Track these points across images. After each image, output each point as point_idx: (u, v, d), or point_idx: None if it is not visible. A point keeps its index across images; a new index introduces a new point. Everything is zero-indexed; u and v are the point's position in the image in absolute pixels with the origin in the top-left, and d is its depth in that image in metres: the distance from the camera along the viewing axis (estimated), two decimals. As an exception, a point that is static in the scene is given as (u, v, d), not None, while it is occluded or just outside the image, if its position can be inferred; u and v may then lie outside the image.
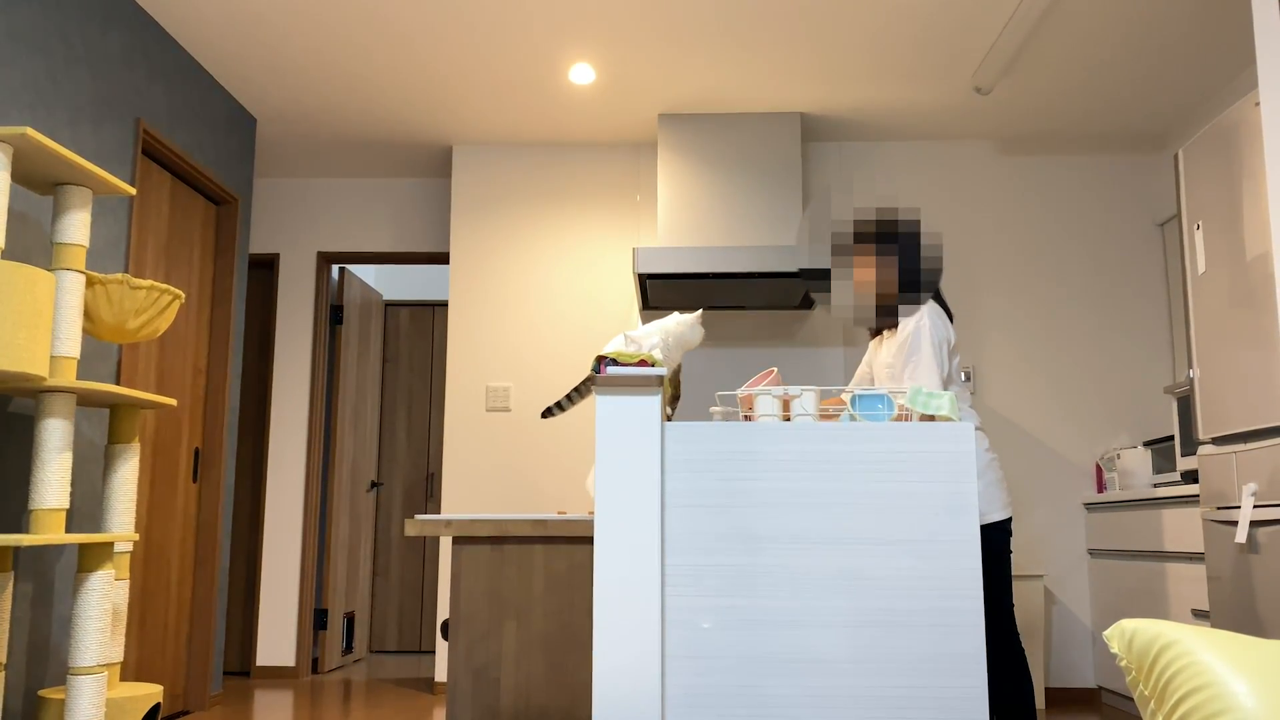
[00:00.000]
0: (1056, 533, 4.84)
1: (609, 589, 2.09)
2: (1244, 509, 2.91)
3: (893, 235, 2.74)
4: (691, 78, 4.45)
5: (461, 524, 2.53)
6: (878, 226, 2.75)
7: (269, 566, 5.40)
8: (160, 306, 3.19)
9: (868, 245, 2.76)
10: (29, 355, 2.62)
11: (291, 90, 4.59)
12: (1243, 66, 4.34)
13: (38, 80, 3.29)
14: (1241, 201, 3.00)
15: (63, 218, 2.93)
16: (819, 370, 4.98)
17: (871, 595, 2.10)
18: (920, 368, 2.68)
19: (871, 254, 2.76)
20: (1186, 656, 1.27)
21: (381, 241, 5.66)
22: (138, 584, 3.96)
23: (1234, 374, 3.05)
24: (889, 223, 2.75)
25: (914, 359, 2.70)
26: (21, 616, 3.19)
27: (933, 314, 2.74)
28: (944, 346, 2.72)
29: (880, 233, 2.75)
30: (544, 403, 5.04)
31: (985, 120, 4.90)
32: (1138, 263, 5.04)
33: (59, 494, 2.81)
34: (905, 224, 2.74)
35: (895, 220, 2.75)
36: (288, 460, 5.48)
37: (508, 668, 2.52)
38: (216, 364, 4.54)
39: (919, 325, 2.72)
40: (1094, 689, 4.71)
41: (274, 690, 4.97)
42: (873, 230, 2.75)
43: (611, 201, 5.18)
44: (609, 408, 2.15)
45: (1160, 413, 4.92)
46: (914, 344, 2.71)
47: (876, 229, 2.75)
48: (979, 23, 3.97)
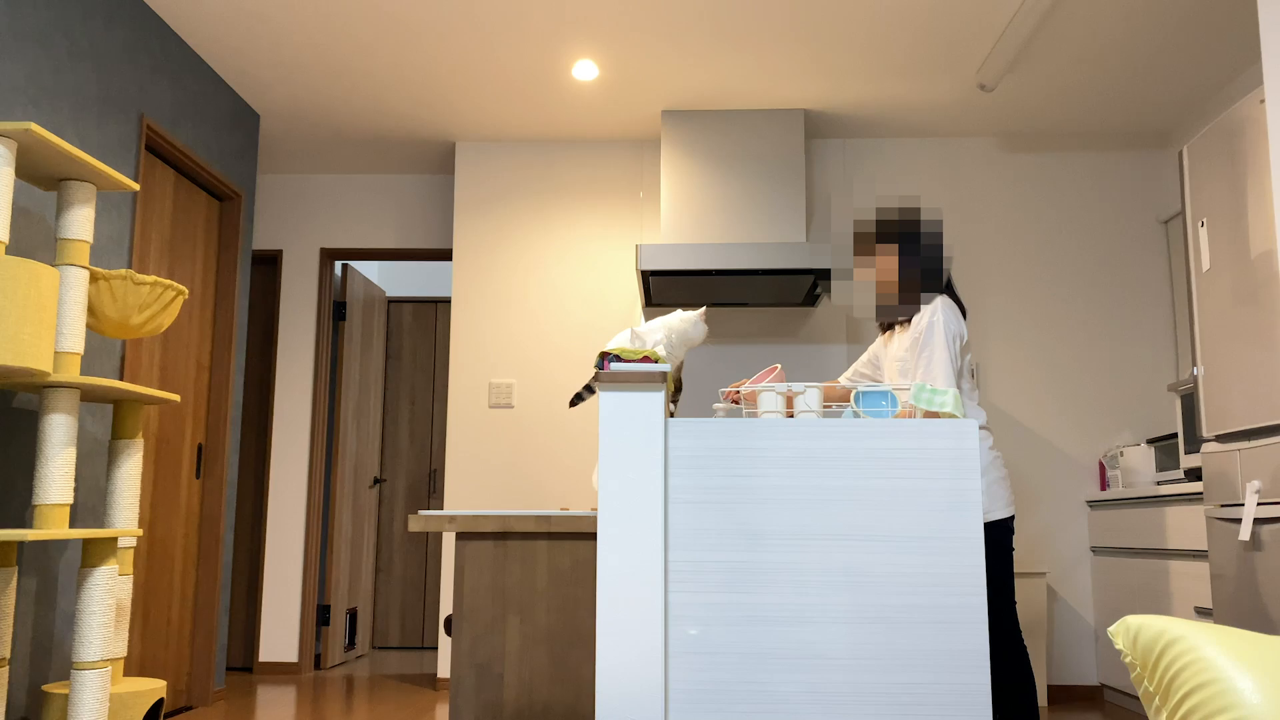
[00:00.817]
0: (1059, 530, 4.83)
1: (612, 585, 2.09)
2: (1248, 506, 2.90)
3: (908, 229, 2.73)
4: (695, 74, 4.44)
5: (465, 519, 2.53)
6: (888, 221, 2.75)
7: (272, 562, 5.41)
8: (164, 302, 3.19)
9: (884, 239, 2.75)
10: (33, 351, 2.63)
11: (295, 86, 4.59)
12: (1248, 63, 4.33)
13: (41, 75, 3.29)
14: (1246, 199, 2.99)
15: (66, 213, 2.93)
16: (822, 367, 4.98)
17: (874, 592, 2.10)
18: (934, 363, 2.67)
19: (884, 250, 2.75)
20: (1191, 653, 1.27)
21: (385, 238, 5.66)
22: (141, 579, 3.96)
23: (1238, 371, 3.05)
24: (906, 216, 2.74)
25: (926, 354, 2.69)
26: (25, 611, 3.19)
27: (947, 309, 2.73)
28: (957, 342, 2.71)
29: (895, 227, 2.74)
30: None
31: (989, 117, 4.89)
32: (1141, 260, 5.03)
33: (63, 489, 2.81)
34: (922, 218, 2.74)
35: (912, 212, 2.74)
36: (291, 456, 5.48)
37: (511, 663, 2.53)
38: (220, 360, 4.54)
39: (933, 320, 2.71)
40: (1097, 686, 4.71)
41: (277, 686, 4.98)
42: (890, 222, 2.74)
43: (614, 198, 5.18)
44: (612, 404, 2.15)
45: (1164, 410, 4.91)
46: (927, 339, 2.70)
47: (887, 225, 2.75)
48: (983, 19, 3.96)
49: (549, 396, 5.04)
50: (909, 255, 2.74)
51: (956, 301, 2.83)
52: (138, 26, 3.85)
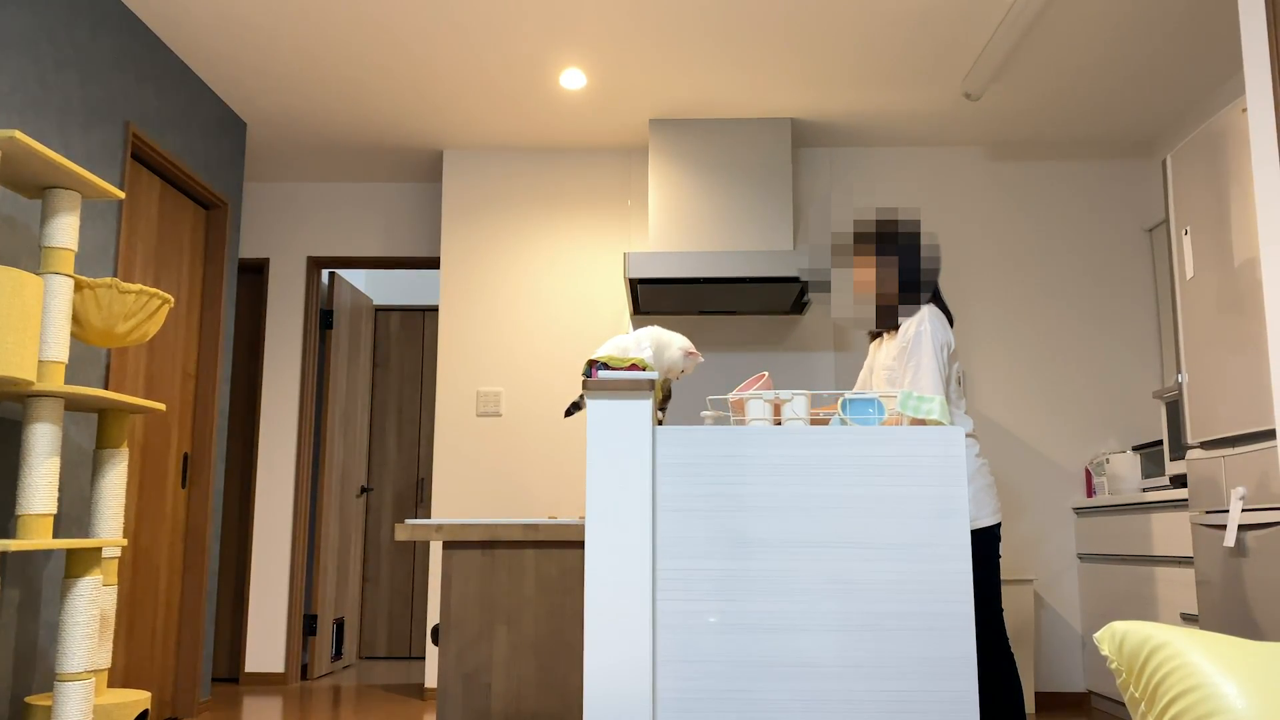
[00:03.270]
0: (1046, 537, 4.85)
1: (600, 593, 2.08)
2: (1232, 513, 2.92)
3: (892, 237, 2.75)
4: (682, 83, 4.46)
5: (452, 528, 2.52)
6: (877, 228, 2.76)
7: (258, 572, 5.38)
8: (149, 311, 3.18)
9: (867, 247, 2.76)
10: (17, 359, 2.61)
11: (282, 94, 4.59)
12: (1230, 73, 4.37)
13: (26, 83, 3.27)
14: (1229, 207, 3.02)
15: (51, 221, 2.92)
16: (810, 375, 4.99)
17: (862, 599, 2.10)
18: (921, 371, 2.68)
19: (871, 255, 2.76)
20: (1177, 658, 1.28)
21: (372, 246, 5.65)
22: (126, 589, 3.94)
23: (1222, 378, 3.07)
24: (888, 224, 2.75)
25: (914, 362, 2.70)
26: (8, 622, 3.17)
27: (934, 317, 2.74)
28: (944, 351, 2.72)
29: (879, 234, 2.75)
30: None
31: (975, 126, 4.92)
32: (1126, 268, 5.06)
33: (47, 499, 2.79)
34: (904, 225, 2.75)
35: (895, 221, 2.75)
36: (277, 465, 5.46)
37: (498, 673, 2.52)
38: (206, 369, 4.52)
39: (920, 329, 2.72)
40: (1084, 693, 4.72)
41: (263, 697, 4.95)
42: (872, 232, 2.76)
43: (602, 206, 5.19)
44: (600, 412, 2.15)
45: (1149, 417, 4.94)
46: (915, 347, 2.71)
47: (876, 230, 2.76)
48: (968, 29, 3.98)
49: (537, 405, 5.04)
50: (896, 263, 2.75)
51: (944, 310, 2.84)
52: (124, 34, 3.84)
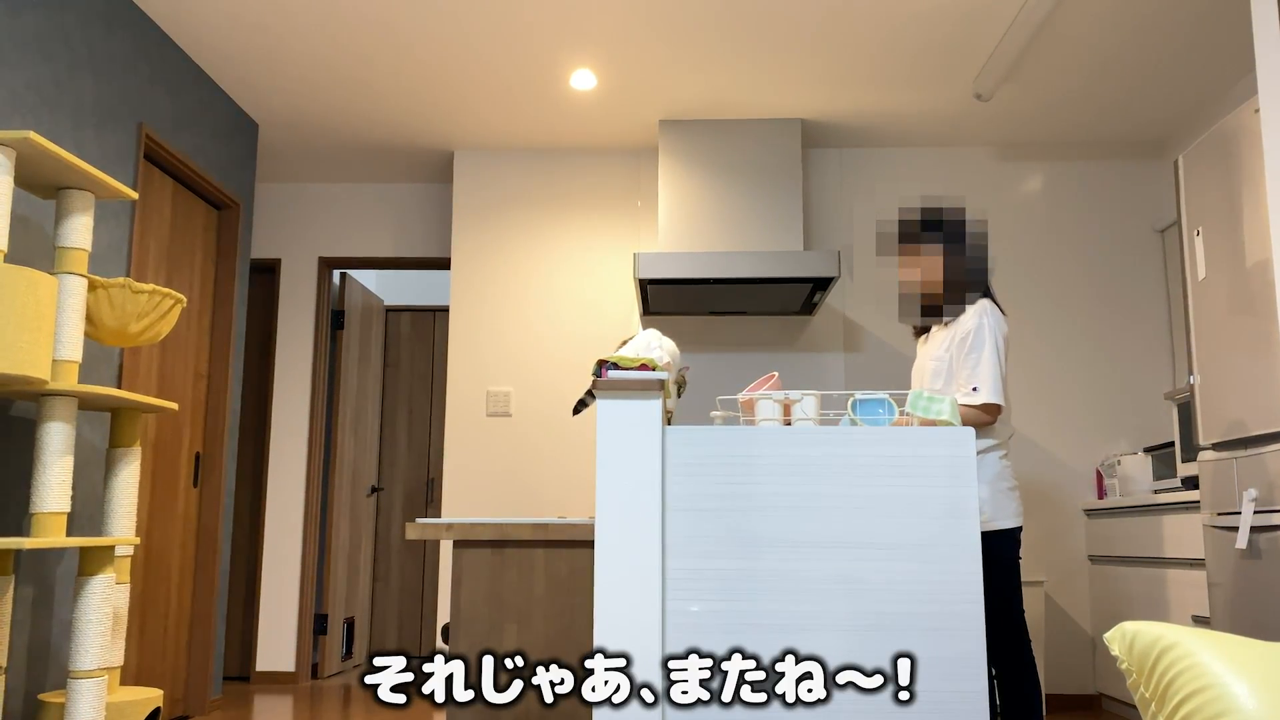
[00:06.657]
0: (1057, 538, 4.83)
1: (610, 592, 2.09)
2: (1244, 515, 2.91)
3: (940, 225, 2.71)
4: (692, 84, 4.46)
5: (462, 528, 2.53)
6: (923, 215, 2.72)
7: (269, 571, 5.40)
8: (162, 311, 3.20)
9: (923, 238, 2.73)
10: (31, 358, 2.63)
11: (293, 95, 4.61)
12: (1242, 73, 4.35)
13: (41, 84, 3.30)
14: (1241, 208, 3.01)
15: (65, 222, 2.94)
16: (820, 375, 4.99)
17: (871, 599, 2.10)
18: (982, 365, 2.65)
19: (929, 249, 2.72)
20: (1188, 659, 1.27)
21: (382, 247, 5.67)
22: (138, 588, 3.96)
23: (1234, 380, 3.05)
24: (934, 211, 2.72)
25: (975, 356, 2.67)
26: (22, 620, 3.19)
27: (993, 312, 2.71)
28: (1004, 345, 2.69)
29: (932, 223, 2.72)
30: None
31: (985, 126, 4.91)
32: (1138, 269, 5.04)
33: (60, 498, 2.81)
34: (963, 218, 2.72)
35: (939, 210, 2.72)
36: (288, 465, 5.48)
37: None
38: (218, 368, 4.54)
39: (981, 322, 2.69)
40: (1094, 695, 4.71)
41: (274, 695, 4.97)
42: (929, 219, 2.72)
43: (612, 207, 5.19)
44: (610, 411, 2.15)
45: (1161, 419, 4.92)
46: (976, 341, 2.67)
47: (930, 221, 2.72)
48: (979, 29, 3.98)
49: (547, 405, 5.04)
50: (954, 254, 2.71)
51: (995, 304, 2.81)
52: (137, 36, 3.86)
